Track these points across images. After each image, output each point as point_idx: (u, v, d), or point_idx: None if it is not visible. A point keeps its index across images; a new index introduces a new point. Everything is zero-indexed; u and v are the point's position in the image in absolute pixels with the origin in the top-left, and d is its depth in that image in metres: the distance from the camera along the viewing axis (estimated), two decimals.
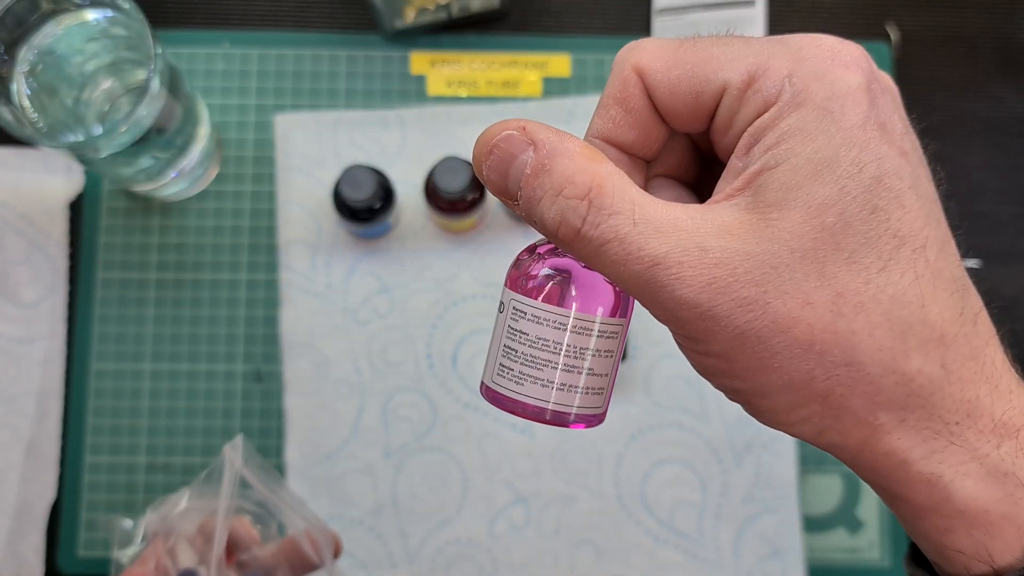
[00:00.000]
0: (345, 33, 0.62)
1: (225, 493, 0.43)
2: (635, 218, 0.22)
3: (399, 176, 0.59)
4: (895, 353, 0.22)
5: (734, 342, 0.22)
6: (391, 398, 0.58)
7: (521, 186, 0.23)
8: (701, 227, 0.22)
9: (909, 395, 0.22)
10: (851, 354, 0.22)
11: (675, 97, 0.25)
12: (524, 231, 0.60)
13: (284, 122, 0.60)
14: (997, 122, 0.62)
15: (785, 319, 0.22)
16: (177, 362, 0.59)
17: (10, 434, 0.58)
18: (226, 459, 0.45)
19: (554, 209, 0.23)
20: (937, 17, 0.63)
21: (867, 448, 0.23)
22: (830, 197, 0.22)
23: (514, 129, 0.23)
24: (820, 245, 0.22)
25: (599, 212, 0.22)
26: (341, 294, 0.59)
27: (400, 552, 0.57)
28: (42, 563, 0.57)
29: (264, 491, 0.45)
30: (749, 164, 0.23)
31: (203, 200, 0.61)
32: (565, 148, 0.23)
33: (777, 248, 0.22)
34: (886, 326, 0.22)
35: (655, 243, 0.22)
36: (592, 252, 0.23)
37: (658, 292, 0.22)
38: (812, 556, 0.59)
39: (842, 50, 0.23)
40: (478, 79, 0.61)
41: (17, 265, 0.59)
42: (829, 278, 0.22)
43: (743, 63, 0.23)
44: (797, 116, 0.23)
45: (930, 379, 0.23)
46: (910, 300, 0.22)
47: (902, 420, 0.23)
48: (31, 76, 0.50)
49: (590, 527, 0.58)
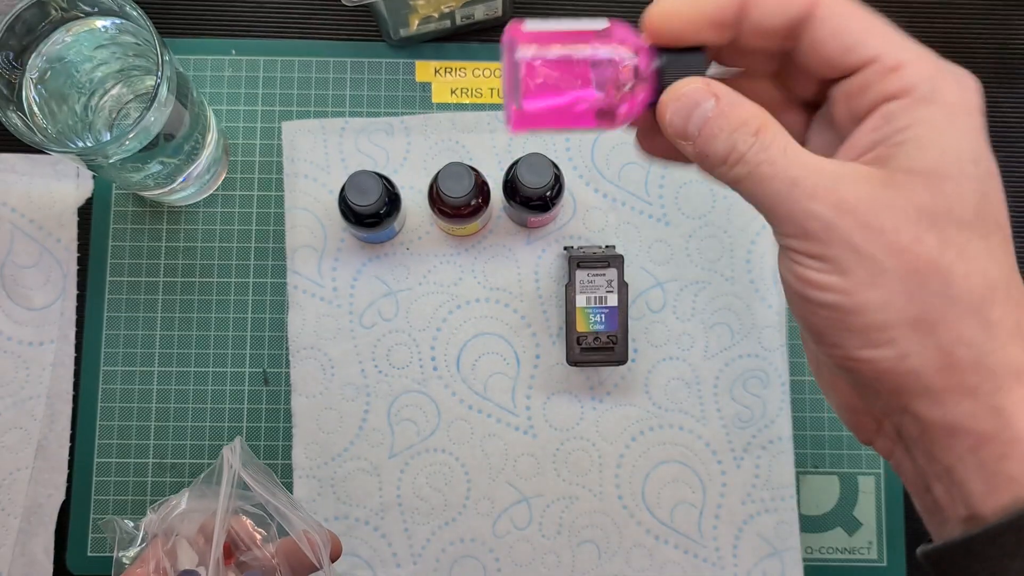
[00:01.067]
0: (351, 41, 0.63)
1: (223, 494, 0.44)
2: (786, 151, 0.27)
3: (404, 182, 0.60)
4: (984, 300, 0.26)
5: (851, 256, 0.26)
6: (396, 400, 0.59)
7: (702, 126, 0.28)
8: (837, 170, 0.27)
9: (988, 338, 0.26)
10: (947, 288, 0.26)
11: (827, 43, 0.28)
12: (526, 236, 0.60)
13: (291, 129, 0.61)
14: (994, 128, 0.63)
15: (898, 246, 0.26)
16: (185, 364, 0.60)
17: (20, 436, 0.58)
18: (224, 461, 0.45)
19: (728, 141, 0.28)
20: (934, 24, 0.64)
21: (941, 377, 0.26)
22: (952, 173, 0.26)
23: (700, 83, 0.28)
24: (936, 205, 0.26)
25: (761, 143, 0.27)
26: (347, 298, 0.60)
27: (404, 551, 0.58)
28: (51, 563, 0.58)
29: (262, 493, 0.46)
30: (879, 141, 0.27)
31: (211, 205, 0.61)
32: (740, 100, 0.28)
33: (899, 196, 0.26)
34: (979, 277, 0.26)
35: (796, 169, 0.27)
36: (747, 172, 0.28)
37: (793, 205, 0.27)
38: (810, 556, 0.59)
39: (966, 76, 0.28)
40: (482, 87, 0.62)
41: (27, 269, 0.59)
42: (940, 229, 0.26)
43: (899, 47, 0.28)
44: (930, 110, 0.27)
45: (1006, 329, 0.26)
46: (1000, 266, 0.27)
47: (978, 359, 0.26)
48: (40, 83, 0.50)
49: (591, 527, 0.59)
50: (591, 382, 0.59)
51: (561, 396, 0.59)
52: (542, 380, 0.59)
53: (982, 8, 0.64)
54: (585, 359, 0.56)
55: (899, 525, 0.59)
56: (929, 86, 0.27)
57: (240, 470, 0.45)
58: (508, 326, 0.60)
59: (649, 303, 0.60)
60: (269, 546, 0.45)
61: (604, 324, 0.55)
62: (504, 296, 0.60)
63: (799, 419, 0.60)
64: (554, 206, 0.56)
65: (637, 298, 0.60)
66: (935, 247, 0.26)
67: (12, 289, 0.59)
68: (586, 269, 0.56)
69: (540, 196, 0.55)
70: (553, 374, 0.59)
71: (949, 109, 0.27)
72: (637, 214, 0.61)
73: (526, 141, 0.61)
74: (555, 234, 0.61)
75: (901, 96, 0.27)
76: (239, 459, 0.45)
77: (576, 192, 0.61)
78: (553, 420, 0.59)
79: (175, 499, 0.47)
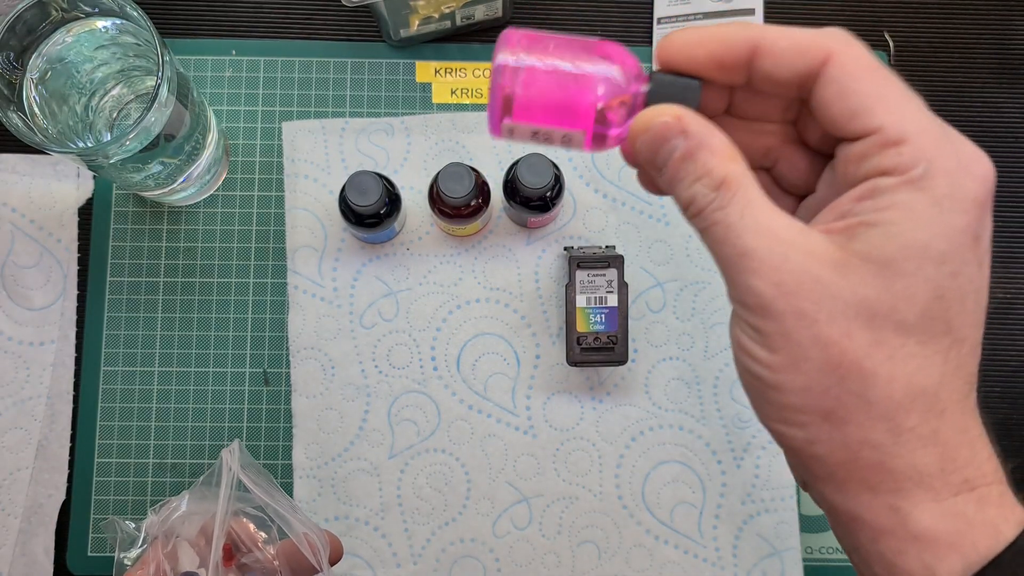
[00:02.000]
0: (351, 42, 0.63)
1: (223, 497, 0.44)
2: (743, 214, 0.26)
3: (404, 182, 0.60)
4: (900, 407, 0.26)
5: (780, 337, 0.26)
6: (396, 400, 0.59)
7: (668, 165, 0.28)
8: (792, 242, 0.26)
9: (896, 444, 0.26)
10: (865, 390, 0.26)
11: (833, 105, 0.27)
12: (526, 237, 0.60)
13: (291, 129, 0.61)
14: (993, 129, 0.63)
15: (826, 338, 0.26)
16: (185, 365, 0.60)
17: (21, 436, 0.58)
18: (224, 463, 0.45)
19: (690, 190, 0.27)
20: (933, 25, 0.64)
21: (844, 470, 0.27)
22: (907, 270, 0.25)
23: (670, 117, 0.27)
24: (880, 302, 0.25)
25: (720, 200, 0.27)
26: (347, 298, 0.60)
27: (405, 551, 0.58)
28: (52, 563, 0.58)
29: (261, 495, 0.46)
30: (856, 214, 0.26)
31: (211, 205, 0.61)
32: (710, 143, 0.27)
33: (844, 285, 0.26)
34: (903, 385, 0.26)
35: (749, 238, 0.26)
36: (704, 227, 0.27)
37: (736, 275, 0.27)
38: (809, 556, 0.59)
39: (978, 163, 0.27)
40: (482, 87, 0.62)
41: (28, 270, 0.59)
42: (875, 328, 0.26)
43: (906, 119, 0.26)
44: (915, 196, 0.26)
45: (918, 436, 0.26)
46: (931, 375, 0.26)
47: (881, 460, 0.26)
48: (41, 83, 0.50)
49: (591, 527, 0.59)
50: (591, 382, 0.60)
51: (561, 396, 0.59)
52: (542, 380, 0.60)
53: (982, 8, 0.65)
54: (585, 359, 0.56)
55: None
56: (924, 169, 0.26)
57: (239, 472, 0.45)
58: (508, 326, 0.60)
59: (649, 303, 0.60)
60: (270, 548, 0.45)
61: (604, 324, 0.56)
62: (504, 296, 0.60)
63: None
64: (554, 206, 0.56)
65: (637, 298, 0.60)
66: (864, 346, 0.26)
67: (12, 289, 0.59)
68: (586, 269, 0.56)
69: (540, 196, 0.55)
70: (553, 374, 0.59)
71: (937, 199, 0.25)
72: (637, 214, 0.61)
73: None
74: (555, 234, 0.61)
75: (893, 173, 0.26)
76: (238, 461, 0.45)
77: (576, 192, 0.61)
78: (553, 420, 0.59)
79: (175, 501, 0.47)
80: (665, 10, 0.63)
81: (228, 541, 0.44)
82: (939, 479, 0.27)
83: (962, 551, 0.26)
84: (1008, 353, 0.62)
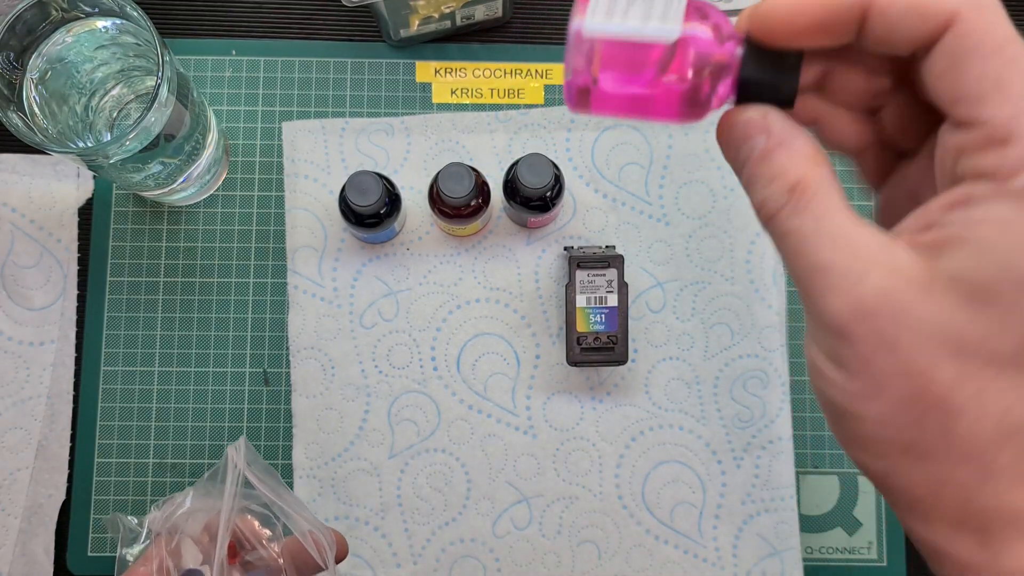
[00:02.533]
0: (351, 42, 0.63)
1: (228, 494, 0.43)
2: (820, 223, 0.24)
3: (404, 182, 0.60)
4: (991, 445, 0.23)
5: (858, 363, 0.24)
6: (396, 400, 0.59)
7: (745, 165, 0.26)
8: (874, 257, 0.23)
9: (985, 483, 0.24)
10: (949, 426, 0.23)
11: (940, 81, 0.24)
12: (526, 237, 0.60)
13: (291, 129, 0.61)
14: None
15: (909, 368, 0.23)
16: (185, 365, 0.60)
17: (21, 436, 0.58)
18: (229, 460, 0.45)
19: (763, 192, 0.25)
20: None
21: (926, 504, 0.24)
22: (1004, 298, 0.22)
23: (757, 114, 0.25)
24: (970, 332, 0.23)
25: (794, 207, 0.24)
26: (347, 298, 0.60)
27: (405, 551, 0.58)
28: (52, 563, 0.58)
29: (267, 492, 0.46)
30: (944, 225, 0.23)
31: (211, 205, 0.61)
32: (791, 143, 0.25)
33: (931, 310, 0.23)
34: (994, 422, 0.23)
35: (826, 252, 0.23)
36: (778, 235, 0.25)
37: (811, 292, 0.24)
38: (810, 556, 0.60)
39: None
40: (482, 87, 0.62)
41: (28, 270, 0.59)
42: (963, 360, 0.23)
43: (1020, 115, 0.22)
44: (1013, 211, 0.22)
45: (1013, 476, 0.23)
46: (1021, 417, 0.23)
47: (968, 499, 0.24)
48: (41, 83, 0.50)
49: (591, 527, 0.59)
50: (591, 382, 0.60)
51: (561, 396, 0.59)
52: (542, 380, 0.60)
53: None
54: (585, 359, 0.56)
55: (899, 525, 0.59)
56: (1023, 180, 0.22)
57: (245, 469, 0.44)
58: (508, 326, 0.60)
59: (649, 303, 0.60)
60: (274, 546, 0.45)
61: (604, 324, 0.56)
62: (504, 296, 0.60)
63: (799, 419, 0.60)
64: (554, 206, 0.56)
65: (637, 298, 0.60)
66: (950, 380, 0.23)
67: (12, 289, 0.59)
68: (586, 269, 0.56)
69: (540, 196, 0.55)
70: (553, 374, 0.60)
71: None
72: (637, 214, 0.61)
73: (526, 141, 0.61)
74: (555, 234, 0.61)
75: (992, 178, 0.22)
76: (244, 458, 0.45)
77: (576, 192, 0.61)
78: (553, 420, 0.59)
79: (179, 497, 0.47)
80: None
81: (232, 538, 0.44)
82: (1011, 526, 0.24)
83: None
84: None
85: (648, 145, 0.61)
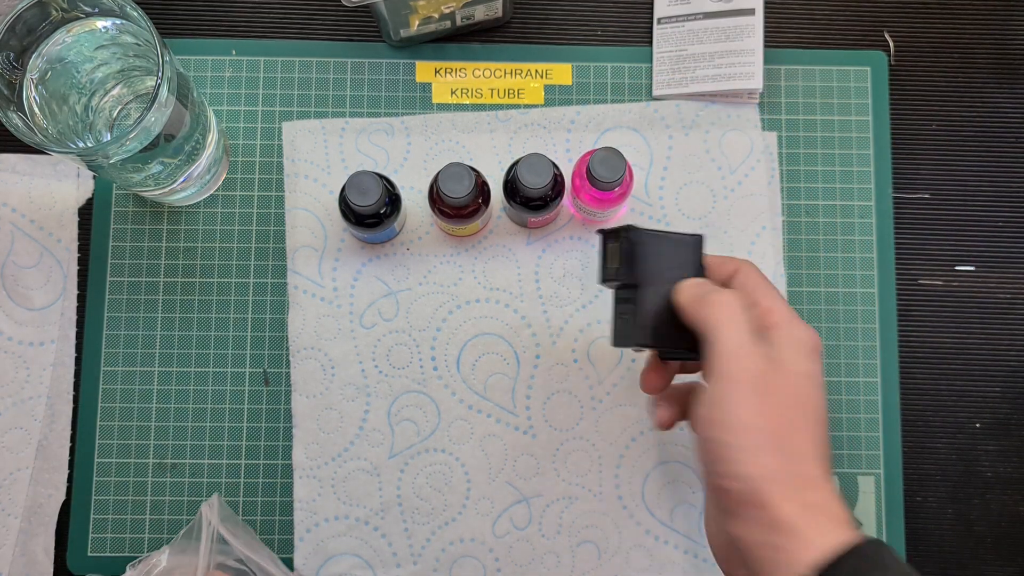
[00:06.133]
0: (351, 42, 0.63)
1: (204, 551, 0.43)
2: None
3: (404, 182, 0.60)
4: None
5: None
6: (396, 400, 0.59)
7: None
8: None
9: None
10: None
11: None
12: (526, 237, 0.60)
13: (291, 129, 0.61)
14: (992, 128, 0.63)
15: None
16: (185, 365, 0.60)
17: (21, 436, 0.58)
18: (203, 517, 0.45)
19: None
20: (933, 25, 0.64)
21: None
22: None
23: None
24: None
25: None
26: (347, 298, 0.60)
27: (404, 551, 0.58)
28: (51, 563, 0.58)
29: (242, 548, 0.45)
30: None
31: (211, 205, 0.61)
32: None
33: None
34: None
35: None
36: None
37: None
38: None
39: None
40: (482, 87, 0.62)
41: (28, 270, 0.60)
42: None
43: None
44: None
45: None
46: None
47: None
48: (41, 83, 0.50)
49: (591, 527, 0.59)
50: (591, 382, 0.60)
51: (561, 396, 0.59)
52: (542, 380, 0.60)
53: (982, 8, 0.65)
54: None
55: (899, 525, 0.60)
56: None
57: (219, 526, 0.44)
58: (508, 326, 0.60)
59: None
60: None
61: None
62: (504, 296, 0.60)
63: None
64: (554, 206, 0.56)
65: None
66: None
67: (12, 289, 0.59)
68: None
69: (540, 196, 0.55)
70: (553, 374, 0.59)
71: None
72: (637, 215, 0.61)
73: (526, 141, 0.61)
74: (555, 234, 0.61)
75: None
76: (217, 515, 0.45)
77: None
78: (553, 420, 0.59)
79: (155, 556, 0.47)
80: (665, 10, 0.63)
81: None
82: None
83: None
84: (1008, 353, 0.62)
85: (648, 147, 0.61)
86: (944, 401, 0.61)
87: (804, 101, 0.63)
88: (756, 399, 0.39)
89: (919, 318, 0.62)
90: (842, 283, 0.61)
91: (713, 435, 0.39)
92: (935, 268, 0.62)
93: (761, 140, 0.62)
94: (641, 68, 0.63)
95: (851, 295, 0.61)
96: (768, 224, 0.61)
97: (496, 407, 0.59)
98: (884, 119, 0.63)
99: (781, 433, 0.38)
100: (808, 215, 0.62)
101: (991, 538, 0.60)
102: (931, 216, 0.63)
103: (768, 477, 0.38)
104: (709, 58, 0.61)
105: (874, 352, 0.61)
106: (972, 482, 0.61)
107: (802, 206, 0.62)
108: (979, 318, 0.62)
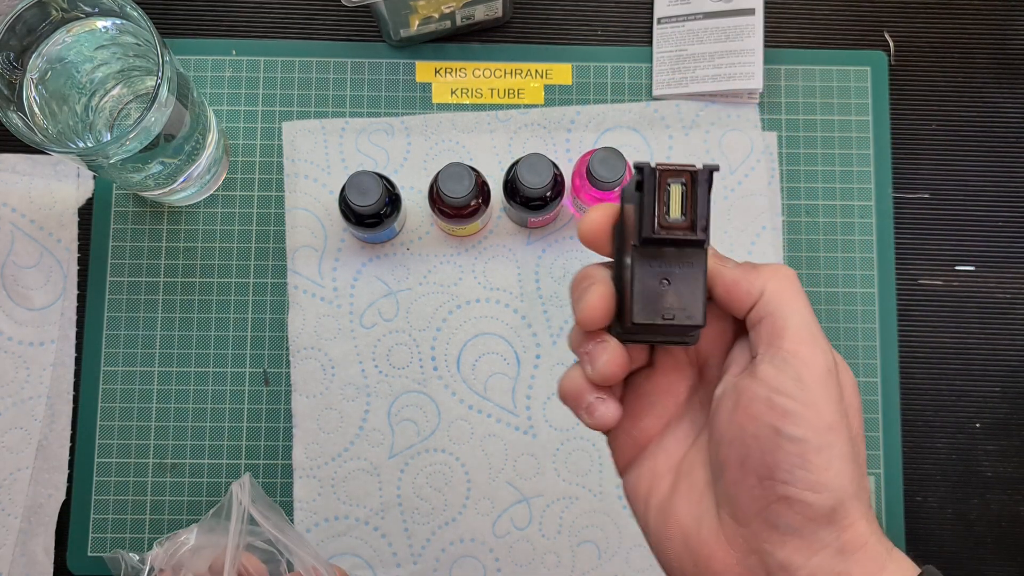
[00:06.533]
0: (351, 42, 0.63)
1: (233, 531, 0.43)
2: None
3: (404, 182, 0.60)
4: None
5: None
6: (396, 400, 0.59)
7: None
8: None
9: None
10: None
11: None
12: (526, 237, 0.60)
13: (291, 129, 0.61)
14: (992, 128, 0.63)
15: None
16: (185, 365, 0.60)
17: (21, 436, 0.58)
18: (234, 497, 0.45)
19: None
20: (933, 25, 0.64)
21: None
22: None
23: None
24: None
25: None
26: (347, 298, 0.60)
27: (405, 551, 0.58)
28: (51, 563, 0.58)
29: (271, 529, 0.45)
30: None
31: (211, 205, 0.61)
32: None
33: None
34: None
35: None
36: None
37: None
38: None
39: None
40: (482, 87, 0.62)
41: (28, 270, 0.60)
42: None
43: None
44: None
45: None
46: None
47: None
48: (41, 83, 0.50)
49: (591, 527, 0.59)
50: None
51: None
52: (542, 380, 0.60)
53: (982, 8, 0.65)
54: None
55: (899, 525, 0.60)
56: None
57: (250, 506, 0.44)
58: (508, 326, 0.60)
59: None
60: None
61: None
62: (504, 296, 0.60)
63: None
64: (554, 206, 0.56)
65: None
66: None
67: (12, 289, 0.59)
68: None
69: (540, 196, 0.55)
70: (553, 374, 0.59)
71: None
72: None
73: (526, 141, 0.61)
74: (555, 234, 0.61)
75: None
76: (248, 495, 0.45)
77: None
78: (553, 420, 0.59)
79: (184, 534, 0.47)
80: (665, 10, 0.63)
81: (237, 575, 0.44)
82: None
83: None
84: (1008, 353, 0.62)
85: (648, 147, 0.61)
86: (944, 401, 0.61)
87: (804, 101, 0.63)
88: (836, 393, 0.31)
89: (919, 318, 0.62)
90: (842, 283, 0.61)
91: (787, 430, 0.30)
92: (935, 268, 0.62)
93: (761, 140, 0.62)
94: (641, 68, 0.63)
95: (851, 295, 0.61)
96: (768, 224, 0.61)
97: (496, 407, 0.59)
98: (884, 119, 0.63)
99: (855, 439, 0.32)
100: (808, 215, 0.62)
101: (991, 538, 0.60)
102: (931, 216, 0.63)
103: (851, 492, 0.30)
104: (709, 58, 0.61)
105: (874, 352, 0.61)
106: (972, 482, 0.61)
107: (802, 206, 0.62)
108: (979, 318, 0.62)
